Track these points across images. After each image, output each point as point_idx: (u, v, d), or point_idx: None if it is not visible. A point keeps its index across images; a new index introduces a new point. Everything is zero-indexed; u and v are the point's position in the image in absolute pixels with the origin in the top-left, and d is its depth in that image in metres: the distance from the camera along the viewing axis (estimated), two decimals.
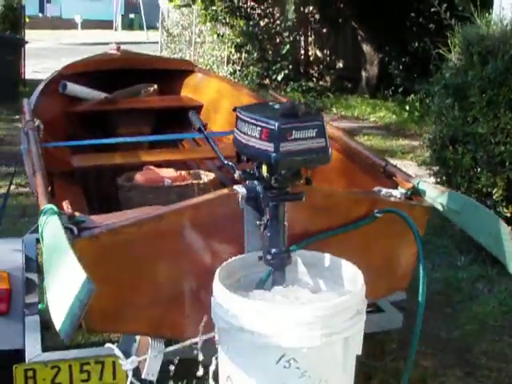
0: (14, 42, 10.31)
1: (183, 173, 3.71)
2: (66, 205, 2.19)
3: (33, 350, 2.44)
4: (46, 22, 29.93)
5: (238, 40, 12.06)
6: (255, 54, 11.90)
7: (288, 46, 11.20)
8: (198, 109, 4.82)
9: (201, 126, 2.49)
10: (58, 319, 1.60)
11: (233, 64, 12.57)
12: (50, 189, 2.48)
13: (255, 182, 2.04)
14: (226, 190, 2.11)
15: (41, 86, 4.45)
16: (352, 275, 2.05)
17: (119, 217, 2.22)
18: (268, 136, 1.81)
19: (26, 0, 12.27)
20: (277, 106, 1.92)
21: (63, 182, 3.51)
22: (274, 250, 2.05)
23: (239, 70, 12.39)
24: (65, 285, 1.68)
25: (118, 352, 1.98)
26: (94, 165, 3.71)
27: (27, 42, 10.82)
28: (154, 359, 2.15)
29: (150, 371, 2.18)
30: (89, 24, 29.30)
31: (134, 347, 2.38)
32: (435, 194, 2.36)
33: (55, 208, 2.12)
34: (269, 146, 1.83)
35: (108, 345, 2.06)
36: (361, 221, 2.25)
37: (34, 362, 2.35)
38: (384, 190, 2.38)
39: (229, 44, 12.15)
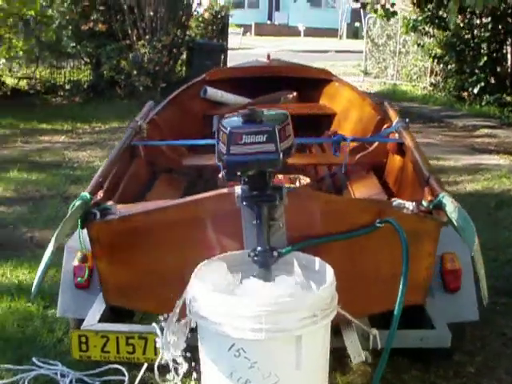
0: (215, 48, 11.12)
1: (280, 176, 3.89)
2: (99, 193, 2.52)
3: (91, 319, 2.78)
4: (273, 29, 31.41)
5: (438, 51, 11.84)
6: (453, 66, 11.61)
7: (486, 58, 10.77)
8: (331, 117, 4.98)
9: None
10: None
11: (435, 75, 12.39)
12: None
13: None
14: (225, 190, 2.29)
15: (179, 90, 4.86)
16: (329, 280, 2.13)
17: (142, 207, 2.49)
18: (224, 139, 1.99)
19: (257, 7, 13.13)
20: (259, 113, 2.05)
21: (168, 178, 3.88)
22: (258, 249, 2.19)
23: (440, 82, 12.18)
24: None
25: (158, 331, 2.23)
26: (202, 164, 4.01)
27: (227, 49, 11.59)
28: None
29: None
30: (313, 32, 30.19)
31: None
32: (451, 209, 2.32)
33: (87, 195, 2.46)
34: (223, 148, 2.00)
35: (153, 324, 2.31)
36: (361, 229, 2.30)
37: (87, 330, 2.66)
38: (397, 202, 2.38)
39: (430, 54, 11.98)
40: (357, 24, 33.64)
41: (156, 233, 2.36)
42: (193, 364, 2.21)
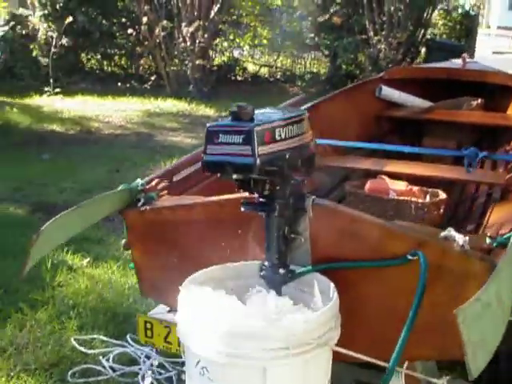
0: (454, 49, 10.54)
1: (415, 188, 3.53)
2: (153, 182, 2.48)
3: (160, 307, 2.76)
4: None
5: None
6: None
7: None
8: None
9: None
10: None
11: None
12: None
13: None
14: (245, 194, 2.09)
15: (350, 86, 4.64)
16: (317, 313, 1.86)
17: (181, 200, 2.39)
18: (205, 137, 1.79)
19: None
20: (248, 111, 1.82)
21: None
22: (264, 263, 1.99)
23: None
24: None
25: None
26: (340, 166, 3.80)
27: (469, 50, 10.92)
28: None
29: None
30: None
31: None
32: None
33: (140, 182, 2.43)
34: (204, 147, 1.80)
35: None
36: (390, 260, 1.97)
37: (152, 317, 2.63)
38: (447, 233, 2.00)
39: None
40: None
41: (181, 229, 2.25)
42: None
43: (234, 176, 1.80)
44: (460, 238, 1.95)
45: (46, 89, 12.44)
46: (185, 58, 11.63)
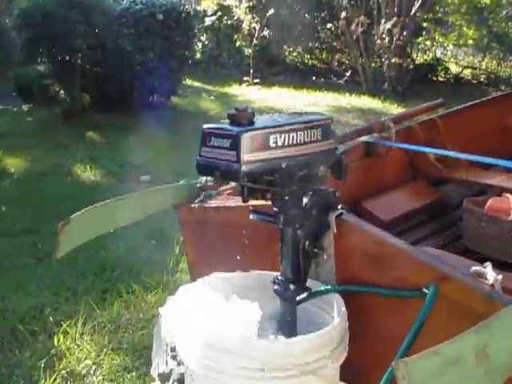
0: None
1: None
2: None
3: None
4: None
5: None
6: None
7: None
8: None
9: None
10: None
11: None
12: None
13: None
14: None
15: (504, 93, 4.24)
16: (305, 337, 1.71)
17: (228, 201, 2.33)
18: None
19: None
20: (248, 114, 1.70)
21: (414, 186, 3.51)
22: (278, 277, 1.87)
23: None
24: None
25: None
26: (471, 180, 3.50)
27: None
28: None
29: None
30: None
31: None
32: None
33: (204, 179, 2.41)
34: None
35: None
36: (406, 291, 1.75)
37: None
38: (479, 268, 1.74)
39: None
40: None
41: (224, 230, 2.19)
42: None
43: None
44: (492, 277, 1.68)
45: (245, 78, 12.87)
46: (381, 55, 11.38)
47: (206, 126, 1.69)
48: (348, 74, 12.62)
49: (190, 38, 9.89)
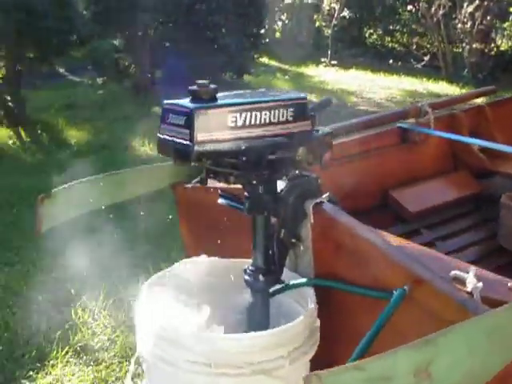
0: None
1: None
2: None
3: None
4: None
5: None
6: None
7: None
8: None
9: None
10: None
11: None
12: None
13: None
14: None
15: None
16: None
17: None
18: None
19: None
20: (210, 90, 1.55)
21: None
22: (248, 267, 1.75)
23: None
24: None
25: None
26: (505, 172, 3.26)
27: None
28: None
29: None
30: None
31: None
32: None
33: None
34: None
35: None
36: (377, 291, 1.60)
37: None
38: (458, 273, 1.57)
39: None
40: None
41: (221, 213, 2.07)
42: None
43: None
44: (470, 284, 1.50)
45: (322, 59, 12.64)
46: (463, 40, 10.91)
47: (166, 101, 1.57)
48: (427, 58, 12.18)
49: (263, 15, 9.75)
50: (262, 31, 10.19)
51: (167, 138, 1.52)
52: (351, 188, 2.78)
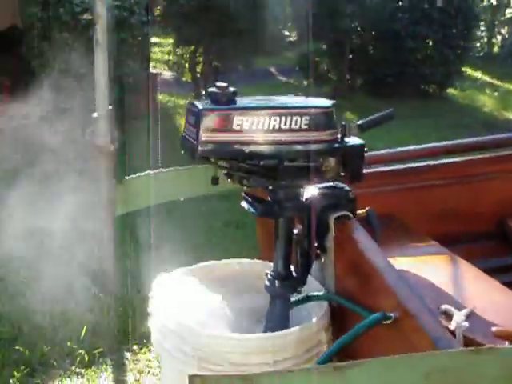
0: None
1: None
2: None
3: None
4: None
5: None
6: None
7: None
8: None
9: None
10: None
11: None
12: None
13: None
14: None
15: None
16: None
17: None
18: None
19: None
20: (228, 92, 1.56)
21: None
22: (269, 272, 1.76)
23: None
24: None
25: None
26: None
27: None
28: None
29: None
30: None
31: None
32: None
33: None
34: None
35: None
36: (369, 312, 1.53)
37: None
38: (449, 307, 1.45)
39: None
40: None
41: None
42: None
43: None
44: (455, 322, 1.39)
45: None
46: None
47: (188, 101, 1.64)
48: None
49: (472, 27, 9.35)
50: (470, 44, 9.75)
51: (185, 136, 1.59)
52: (463, 209, 2.64)
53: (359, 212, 1.80)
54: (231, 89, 1.56)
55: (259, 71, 12.61)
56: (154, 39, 11.41)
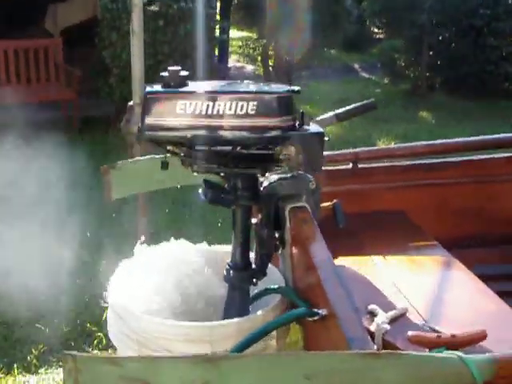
0: None
1: None
2: None
3: None
4: None
5: None
6: None
7: None
8: None
9: None
10: None
11: None
12: None
13: None
14: None
15: None
16: None
17: None
18: None
19: None
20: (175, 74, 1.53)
21: None
22: (228, 262, 1.73)
23: None
24: None
25: None
26: None
27: None
28: None
29: None
30: None
31: None
32: None
33: None
34: None
35: None
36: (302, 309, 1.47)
37: None
38: (375, 308, 1.38)
39: None
40: None
41: None
42: None
43: None
44: (376, 323, 1.32)
45: None
46: None
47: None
48: None
49: None
50: None
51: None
52: (477, 211, 2.52)
53: (325, 205, 1.74)
54: (183, 73, 1.54)
55: (341, 67, 12.50)
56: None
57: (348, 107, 1.96)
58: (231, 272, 1.68)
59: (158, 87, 1.53)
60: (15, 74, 6.91)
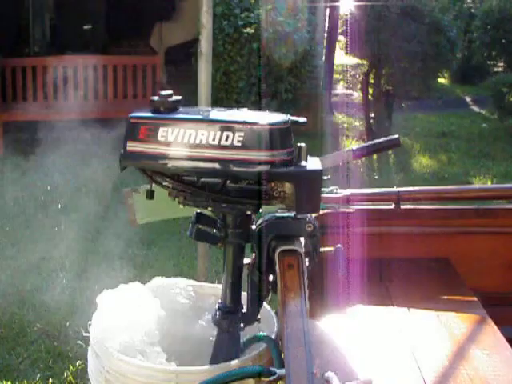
0: None
1: None
2: None
3: None
4: None
5: None
6: None
7: None
8: None
9: None
10: None
11: None
12: None
13: None
14: None
15: None
16: None
17: None
18: None
19: None
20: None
21: None
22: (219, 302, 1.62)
23: None
24: None
25: None
26: None
27: None
28: None
29: None
30: None
31: None
32: None
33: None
34: None
35: None
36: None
37: None
38: (330, 375, 1.22)
39: None
40: None
41: None
42: None
43: None
44: None
45: None
46: None
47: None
48: None
49: None
50: None
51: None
52: None
53: (325, 249, 1.60)
54: (175, 97, 1.45)
55: (453, 99, 12.06)
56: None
57: (370, 142, 1.80)
58: (220, 314, 1.57)
59: (146, 112, 1.45)
60: (113, 89, 7.08)
